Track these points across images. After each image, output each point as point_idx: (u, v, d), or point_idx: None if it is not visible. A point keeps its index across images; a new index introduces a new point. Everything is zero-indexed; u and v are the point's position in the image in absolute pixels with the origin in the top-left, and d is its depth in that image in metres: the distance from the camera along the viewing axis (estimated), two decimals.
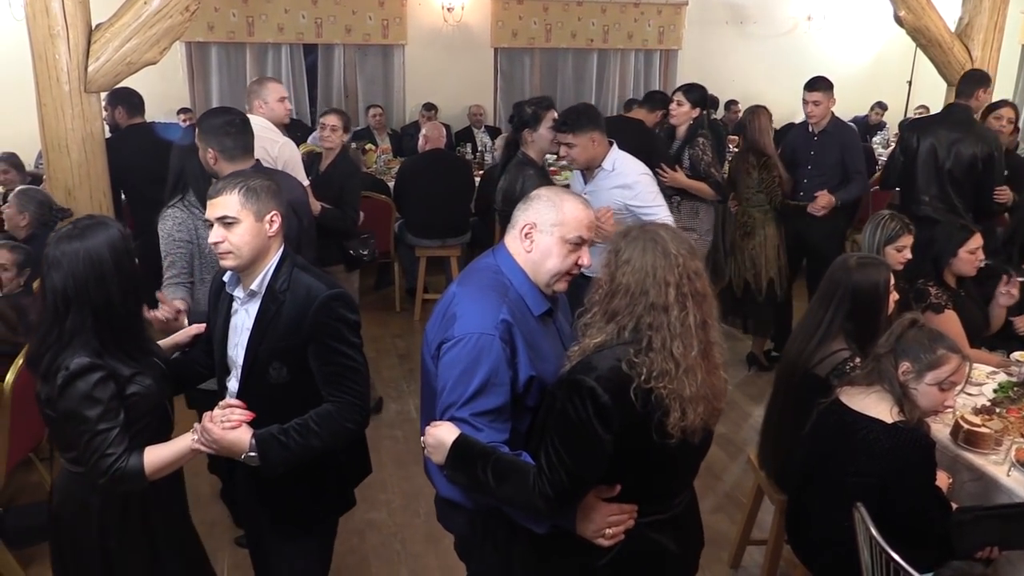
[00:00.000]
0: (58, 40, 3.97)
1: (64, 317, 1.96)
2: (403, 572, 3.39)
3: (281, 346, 2.16)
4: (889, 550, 2.16)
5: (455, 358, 1.90)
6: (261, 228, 2.14)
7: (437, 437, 1.90)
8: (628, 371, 1.76)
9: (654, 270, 1.79)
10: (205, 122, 3.01)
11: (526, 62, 9.43)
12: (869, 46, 10.38)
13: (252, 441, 2.06)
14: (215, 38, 8.20)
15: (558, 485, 1.77)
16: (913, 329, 2.43)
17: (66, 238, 1.97)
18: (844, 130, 5.13)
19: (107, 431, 1.96)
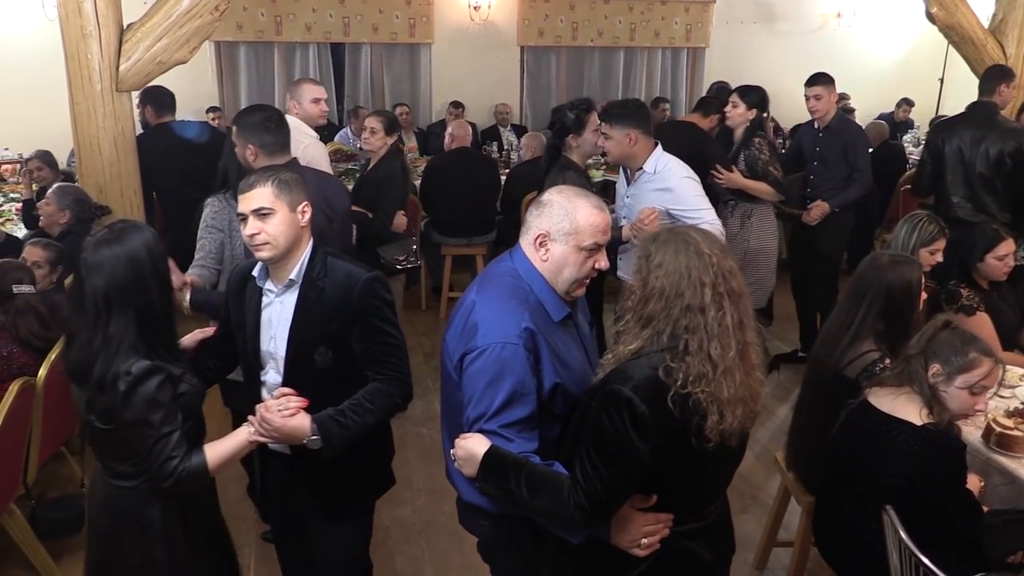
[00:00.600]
0: (90, 40, 4.03)
1: (106, 322, 1.95)
2: (427, 570, 3.40)
3: (326, 330, 2.20)
4: (919, 554, 2.13)
5: (480, 369, 1.87)
6: (295, 218, 2.18)
7: (467, 449, 1.88)
8: (665, 378, 1.73)
9: (688, 271, 1.76)
10: (243, 119, 3.11)
11: (552, 61, 9.40)
12: (900, 43, 10.24)
13: (313, 426, 2.10)
14: (244, 37, 8.27)
15: (594, 496, 1.75)
16: (946, 331, 2.39)
17: (104, 243, 1.97)
18: (848, 127, 5.07)
19: (170, 434, 1.97)
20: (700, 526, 1.92)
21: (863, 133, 5.25)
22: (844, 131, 4.97)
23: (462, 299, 2.05)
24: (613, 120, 3.59)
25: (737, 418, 1.77)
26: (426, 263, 6.45)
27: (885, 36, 10.15)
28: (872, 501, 2.32)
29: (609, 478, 1.74)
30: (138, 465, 2.02)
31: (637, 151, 3.62)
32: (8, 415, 2.76)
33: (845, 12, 9.86)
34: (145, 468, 2.00)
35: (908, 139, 8.82)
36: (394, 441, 2.59)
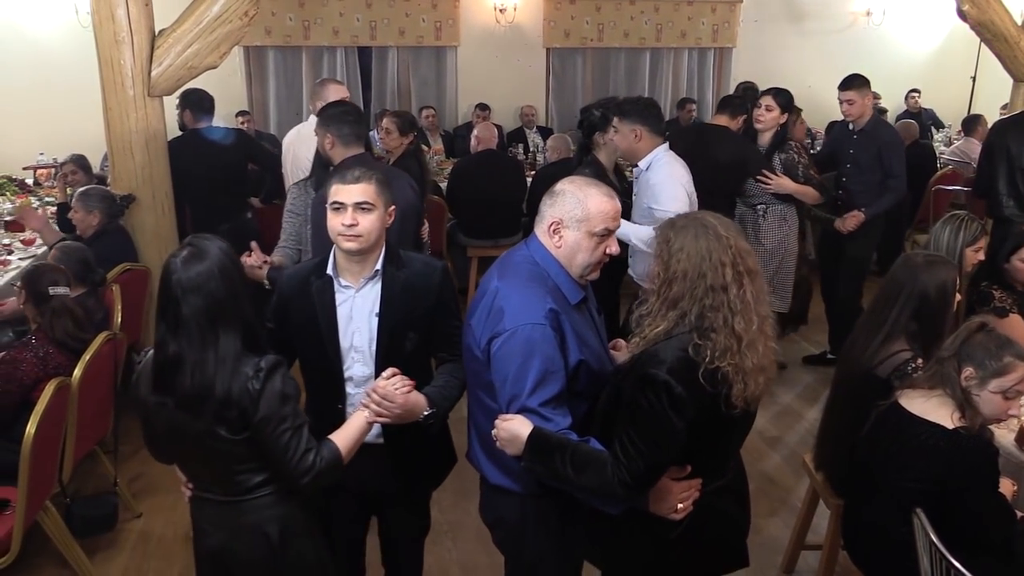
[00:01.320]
0: (123, 46, 4.10)
1: (216, 339, 1.92)
2: (454, 569, 3.41)
3: (413, 315, 2.31)
4: (951, 557, 2.11)
5: (511, 351, 1.97)
6: (385, 217, 2.28)
7: (510, 431, 1.96)
8: (694, 356, 1.84)
9: (709, 253, 1.87)
10: (324, 112, 3.41)
11: (578, 62, 9.40)
12: (931, 41, 10.11)
13: (426, 401, 2.22)
14: (272, 42, 8.35)
15: (636, 473, 1.86)
16: (980, 333, 2.36)
17: (191, 260, 1.93)
18: (883, 130, 4.92)
19: (301, 427, 1.98)
20: (723, 484, 2.07)
21: (899, 137, 5.11)
22: (879, 134, 4.85)
23: (482, 287, 2.14)
24: (623, 115, 3.71)
25: (759, 385, 1.90)
26: (452, 264, 6.47)
27: (915, 34, 10.02)
28: (902, 504, 2.30)
29: (650, 455, 1.86)
30: (272, 470, 2.02)
31: (640, 147, 3.73)
32: (44, 414, 2.81)
33: (875, 10, 9.75)
34: (281, 468, 1.99)
35: (939, 138, 8.71)
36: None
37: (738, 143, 4.68)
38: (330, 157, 3.38)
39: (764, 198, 4.64)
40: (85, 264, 3.77)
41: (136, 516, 3.71)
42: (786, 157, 4.66)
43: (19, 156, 7.19)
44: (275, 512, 2.08)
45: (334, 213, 2.23)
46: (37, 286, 3.27)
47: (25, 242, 5.12)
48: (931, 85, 9.71)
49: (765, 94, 4.79)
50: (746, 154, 4.64)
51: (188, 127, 5.28)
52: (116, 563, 3.42)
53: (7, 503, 2.96)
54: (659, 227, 1.99)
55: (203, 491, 2.11)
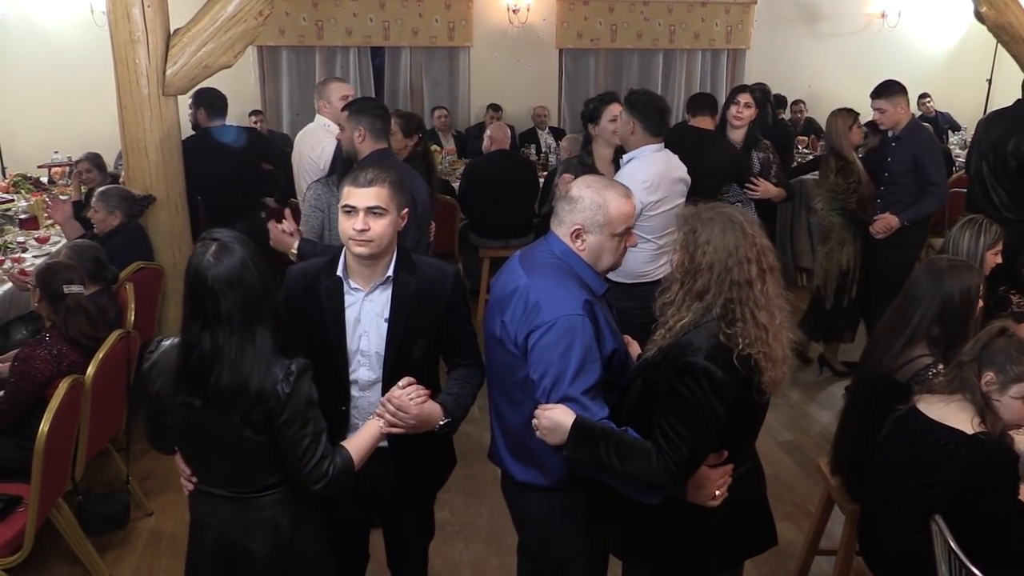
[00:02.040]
0: (138, 45, 4.11)
1: (253, 333, 1.91)
2: (465, 571, 3.40)
3: (423, 322, 2.29)
4: (970, 565, 2.08)
5: (551, 342, 2.01)
6: (397, 221, 2.25)
7: (553, 420, 1.98)
8: (727, 342, 1.90)
9: (736, 248, 1.92)
10: (355, 105, 3.57)
11: (591, 63, 9.38)
12: (946, 44, 10.05)
13: (442, 411, 2.21)
14: (286, 42, 8.37)
15: (680, 461, 1.89)
16: (1002, 338, 2.33)
17: (222, 254, 1.90)
18: (917, 136, 4.73)
19: (320, 434, 1.98)
20: (747, 468, 2.13)
21: (934, 143, 4.89)
22: (912, 141, 4.67)
23: (506, 284, 2.18)
24: (628, 104, 3.75)
25: (784, 373, 1.98)
26: (464, 265, 6.47)
27: (931, 36, 9.96)
28: (920, 510, 2.28)
29: (693, 442, 1.90)
30: (286, 471, 2.01)
31: (632, 140, 3.74)
32: (57, 412, 2.81)
33: (890, 12, 9.70)
34: (296, 473, 1.98)
35: (955, 141, 8.65)
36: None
37: (731, 149, 4.63)
38: (358, 151, 3.48)
39: (741, 198, 4.59)
40: (98, 262, 3.77)
41: (148, 514, 3.71)
42: (763, 157, 4.67)
43: (34, 155, 7.23)
44: (286, 507, 2.07)
45: (345, 216, 2.21)
46: (52, 284, 3.27)
47: (39, 240, 5.14)
48: (946, 88, 9.64)
49: (743, 91, 4.76)
50: (738, 161, 4.61)
51: (201, 126, 5.29)
52: (128, 561, 3.43)
53: (20, 500, 2.96)
54: (684, 216, 2.02)
55: (210, 486, 2.09)
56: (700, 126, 4.63)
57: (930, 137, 4.94)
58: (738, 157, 4.62)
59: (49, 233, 5.31)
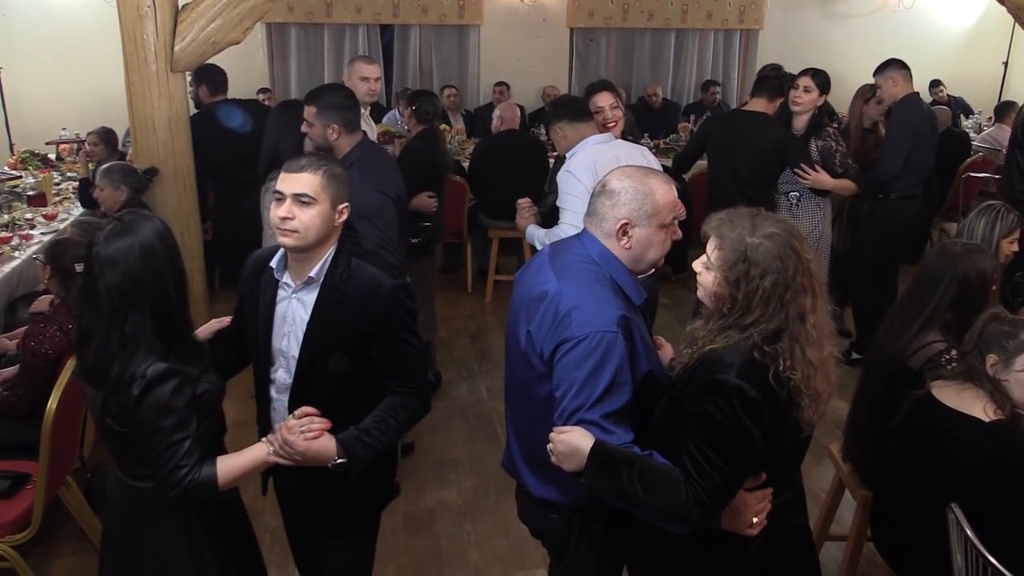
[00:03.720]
0: (146, 20, 4.06)
1: (123, 319, 1.86)
2: (473, 552, 3.40)
3: (344, 336, 2.08)
4: (988, 554, 2.06)
5: (579, 359, 1.82)
6: (331, 215, 2.06)
7: (569, 444, 1.80)
8: (762, 359, 1.71)
9: (793, 278, 1.72)
10: (324, 99, 3.21)
11: (602, 42, 9.28)
12: (962, 25, 9.91)
13: (338, 448, 2.00)
14: (294, 19, 8.30)
15: (712, 490, 1.71)
16: (994, 323, 2.33)
17: (115, 234, 1.88)
18: (900, 109, 4.73)
19: (180, 442, 1.87)
20: (791, 495, 1.96)
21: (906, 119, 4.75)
22: (895, 113, 4.76)
23: (532, 287, 2.00)
24: (548, 121, 3.67)
25: (823, 412, 1.80)
26: (472, 245, 6.44)
27: (947, 18, 9.82)
28: (935, 498, 2.25)
29: (726, 469, 1.71)
30: (147, 472, 1.95)
31: (571, 142, 3.54)
32: (65, 390, 2.81)
33: None
34: (152, 474, 1.91)
35: (969, 125, 8.55)
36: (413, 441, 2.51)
37: (780, 131, 4.51)
38: (337, 148, 3.20)
39: (797, 186, 4.50)
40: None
41: None
42: (823, 144, 4.45)
43: (41, 131, 7.20)
44: (147, 504, 1.99)
45: (275, 203, 2.04)
46: (62, 262, 3.25)
47: (47, 216, 5.13)
48: (962, 70, 9.52)
49: (803, 74, 4.57)
50: (787, 143, 4.47)
51: (203, 103, 5.26)
52: None
53: (28, 478, 2.97)
54: (727, 240, 1.77)
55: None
56: (753, 108, 4.52)
57: (909, 112, 4.76)
58: (787, 140, 4.46)
59: (57, 210, 5.30)
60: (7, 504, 2.90)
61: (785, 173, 4.50)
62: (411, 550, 3.38)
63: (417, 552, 3.38)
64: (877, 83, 4.79)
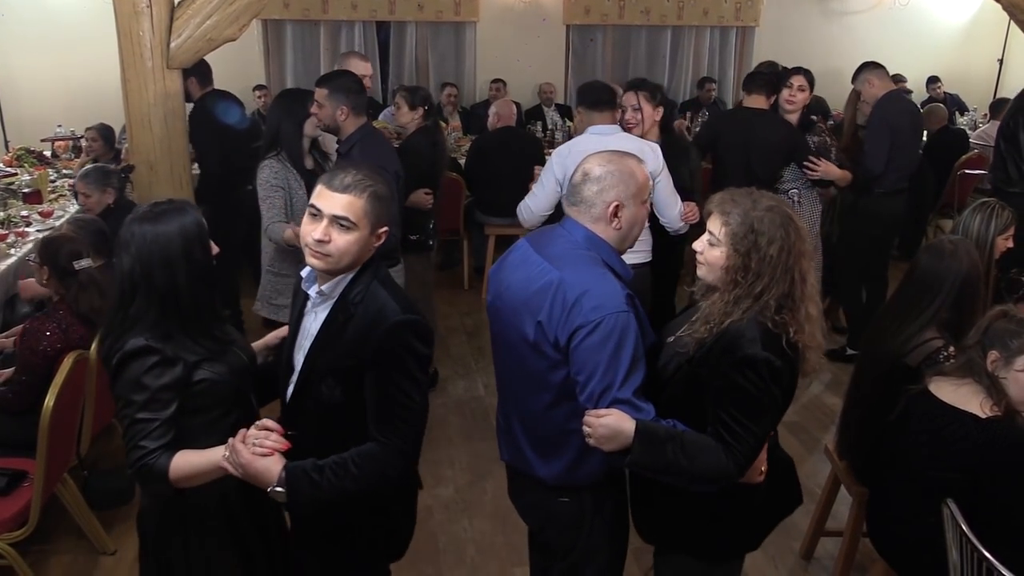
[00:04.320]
0: (142, 17, 4.04)
1: (130, 301, 1.88)
2: (470, 549, 3.41)
3: (339, 364, 1.94)
4: (983, 550, 2.07)
5: (599, 342, 1.88)
6: (370, 241, 1.92)
7: (611, 427, 1.86)
8: (775, 329, 1.87)
9: (794, 244, 1.89)
10: (334, 82, 3.52)
11: (598, 40, 9.28)
12: (958, 22, 9.92)
13: (282, 474, 1.83)
14: (290, 15, 8.29)
15: (748, 452, 1.88)
16: (1002, 320, 2.33)
17: (140, 220, 1.89)
18: (878, 109, 4.77)
19: (146, 421, 1.83)
20: (775, 435, 2.16)
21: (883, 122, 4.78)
22: (871, 115, 4.81)
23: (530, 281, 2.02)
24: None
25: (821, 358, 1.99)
26: (469, 243, 6.44)
27: (943, 15, 9.84)
28: (932, 494, 2.26)
29: (759, 432, 1.89)
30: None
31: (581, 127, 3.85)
32: (63, 387, 2.81)
33: None
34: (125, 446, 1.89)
35: (964, 122, 8.57)
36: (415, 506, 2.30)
37: (787, 127, 4.58)
38: (343, 128, 3.52)
39: (797, 184, 4.56)
40: (102, 235, 3.74)
41: None
42: (819, 140, 4.58)
43: (37, 128, 7.19)
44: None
45: (309, 219, 1.91)
46: (57, 260, 3.23)
47: (43, 214, 5.12)
48: (958, 67, 9.54)
49: (796, 73, 4.65)
50: (795, 140, 4.56)
51: (194, 96, 5.25)
52: (133, 536, 3.36)
53: (25, 475, 2.96)
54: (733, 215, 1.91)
55: None
56: (754, 106, 4.56)
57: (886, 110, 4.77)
58: (793, 135, 4.57)
59: (52, 207, 5.29)
60: (4, 501, 2.89)
61: (787, 171, 4.54)
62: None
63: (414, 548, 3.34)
64: (856, 88, 4.85)
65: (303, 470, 1.85)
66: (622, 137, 3.67)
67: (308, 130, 3.63)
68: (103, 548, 3.28)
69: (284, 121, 3.60)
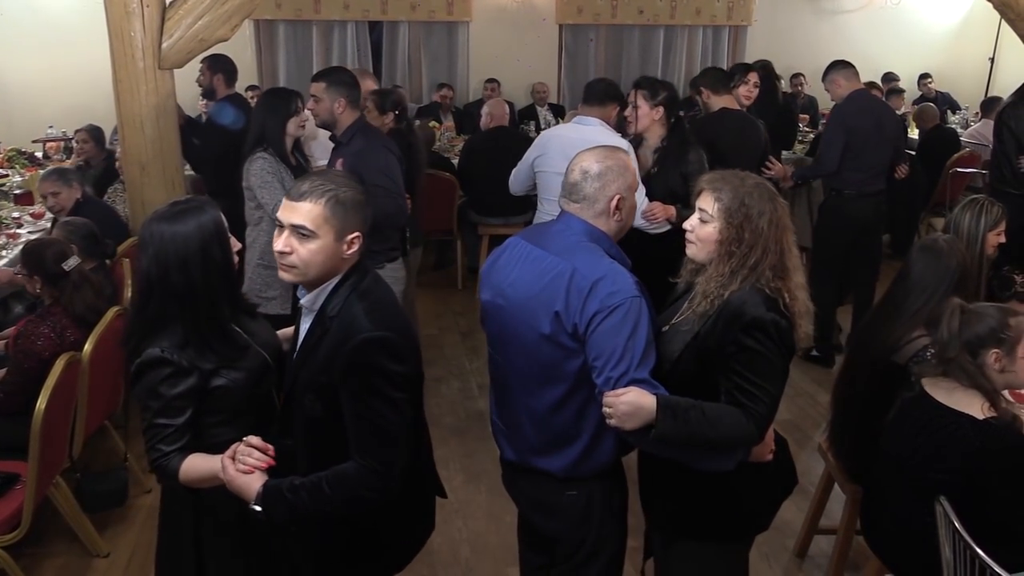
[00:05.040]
0: (133, 18, 4.03)
1: (148, 299, 1.91)
2: (464, 549, 3.40)
3: (316, 380, 1.90)
4: (976, 547, 2.07)
5: (616, 325, 1.94)
6: (338, 249, 1.85)
7: (632, 403, 1.89)
8: (772, 295, 1.96)
9: (781, 216, 1.99)
10: (333, 76, 3.66)
11: (591, 39, 9.28)
12: (949, 22, 9.96)
13: (260, 491, 1.82)
14: (283, 15, 8.27)
15: (765, 414, 1.94)
16: (969, 315, 2.32)
17: (158, 219, 1.91)
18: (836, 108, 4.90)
19: (162, 426, 1.90)
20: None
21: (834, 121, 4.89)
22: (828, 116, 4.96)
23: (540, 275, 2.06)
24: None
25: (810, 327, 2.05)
26: (463, 242, 6.44)
27: (934, 14, 9.88)
28: (926, 493, 2.26)
29: (773, 393, 1.95)
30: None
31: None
32: (55, 390, 2.79)
33: None
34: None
35: (955, 120, 8.60)
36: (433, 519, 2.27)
37: (761, 130, 4.61)
38: (339, 121, 3.61)
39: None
40: (93, 237, 3.73)
41: (146, 491, 3.70)
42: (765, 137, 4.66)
43: (28, 129, 7.16)
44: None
45: (277, 231, 1.87)
46: (46, 265, 3.19)
47: (34, 215, 5.10)
48: (949, 66, 9.58)
49: (752, 70, 4.77)
50: (767, 141, 4.64)
51: (218, 93, 5.22)
52: (126, 538, 3.42)
53: (18, 478, 2.95)
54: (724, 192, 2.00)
55: None
56: (728, 106, 4.51)
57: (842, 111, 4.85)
58: (765, 135, 4.63)
59: (44, 209, 5.27)
60: None
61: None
62: None
63: None
64: (825, 88, 4.93)
65: (279, 490, 1.84)
66: (595, 130, 3.79)
67: (291, 129, 3.69)
68: (96, 550, 3.27)
69: (269, 119, 3.67)
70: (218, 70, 5.19)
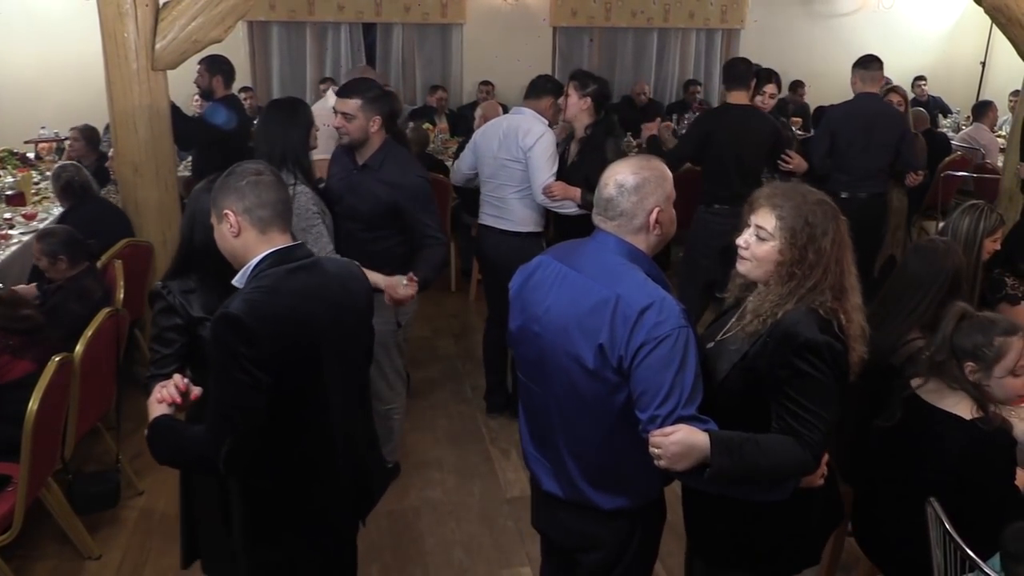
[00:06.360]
0: (127, 19, 4.03)
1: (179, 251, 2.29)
2: (457, 551, 3.40)
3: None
4: (965, 547, 2.08)
5: (663, 358, 1.81)
6: (220, 231, 1.98)
7: (683, 442, 1.77)
8: (826, 316, 1.87)
9: (843, 235, 1.90)
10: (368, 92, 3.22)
11: (585, 41, 9.29)
12: (940, 26, 10.01)
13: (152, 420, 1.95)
14: (276, 17, 8.26)
15: (819, 440, 1.85)
16: (964, 322, 2.33)
17: (204, 187, 2.20)
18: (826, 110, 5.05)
19: (155, 351, 2.22)
20: None
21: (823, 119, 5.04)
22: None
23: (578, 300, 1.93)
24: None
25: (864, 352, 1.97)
26: (456, 244, 6.43)
27: (926, 18, 9.92)
28: (916, 494, 2.27)
29: (826, 418, 1.85)
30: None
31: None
32: (47, 391, 2.79)
33: None
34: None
35: (947, 124, 8.63)
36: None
37: (771, 123, 4.69)
38: (371, 141, 3.25)
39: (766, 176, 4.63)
40: (76, 243, 3.71)
41: (139, 493, 3.69)
42: (788, 136, 4.80)
43: (20, 130, 7.13)
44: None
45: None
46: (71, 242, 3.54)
47: (27, 216, 5.08)
48: (940, 70, 9.61)
49: (768, 80, 4.81)
50: (778, 133, 4.67)
51: (216, 94, 5.21)
52: (118, 540, 3.41)
53: (9, 480, 2.94)
54: (787, 209, 1.89)
55: None
56: (739, 102, 4.59)
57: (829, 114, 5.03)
58: (777, 132, 4.66)
59: (36, 210, 5.25)
60: None
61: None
62: (395, 549, 3.39)
63: (401, 551, 3.38)
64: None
65: (166, 423, 1.98)
66: (522, 116, 4.15)
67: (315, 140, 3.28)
68: (88, 552, 3.26)
69: (291, 131, 3.13)
70: (217, 71, 5.18)
